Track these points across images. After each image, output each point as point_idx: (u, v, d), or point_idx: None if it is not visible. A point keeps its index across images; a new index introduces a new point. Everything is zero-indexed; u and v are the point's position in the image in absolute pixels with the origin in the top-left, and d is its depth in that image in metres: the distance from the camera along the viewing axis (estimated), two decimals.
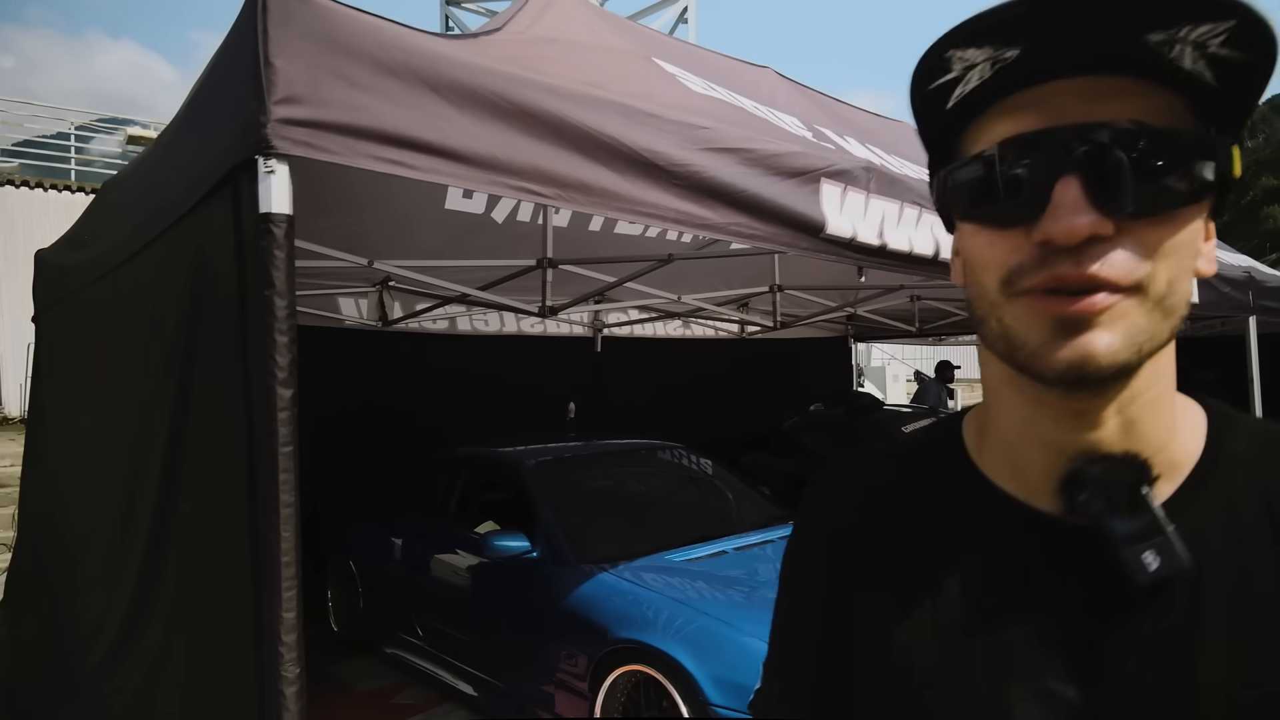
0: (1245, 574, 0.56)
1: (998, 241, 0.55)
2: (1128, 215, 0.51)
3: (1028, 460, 0.61)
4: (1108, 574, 0.56)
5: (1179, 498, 0.58)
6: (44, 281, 3.77)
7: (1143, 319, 0.52)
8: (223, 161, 1.63)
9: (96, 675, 2.46)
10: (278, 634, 1.50)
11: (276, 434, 1.50)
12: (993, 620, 0.60)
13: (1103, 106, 0.52)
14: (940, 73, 0.55)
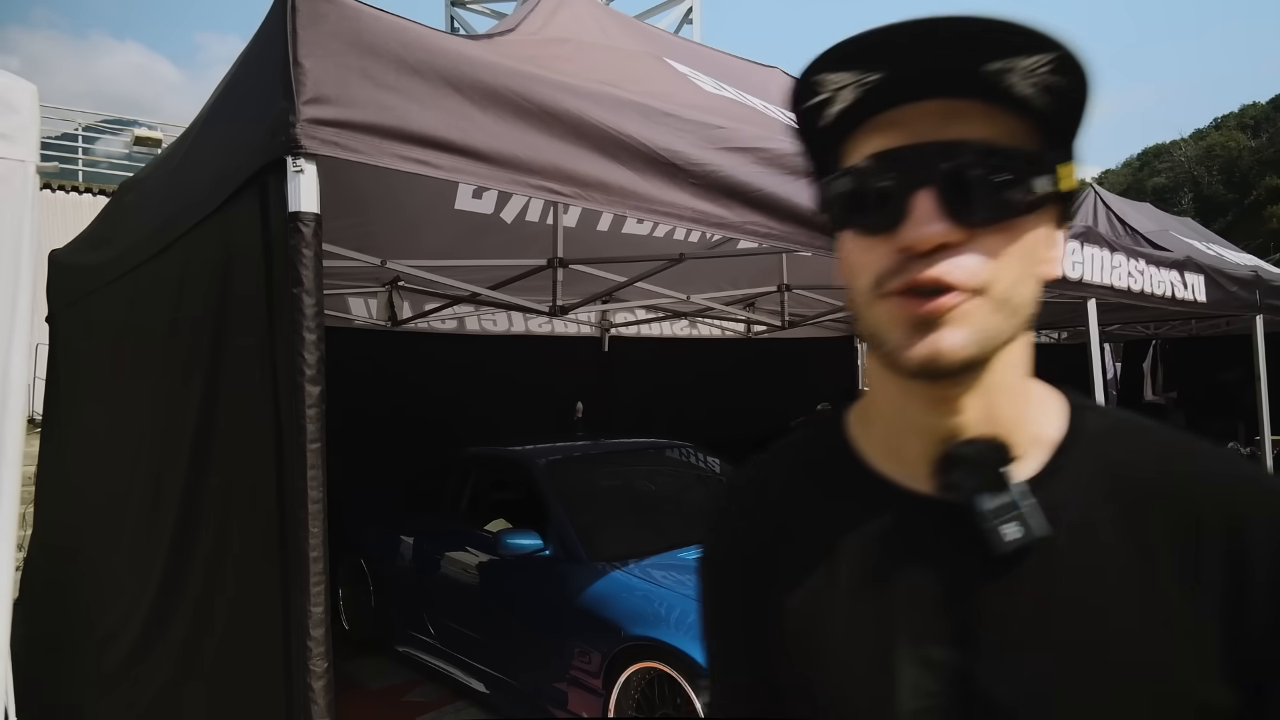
0: (1092, 540, 0.64)
1: (868, 247, 0.62)
2: (975, 225, 0.59)
3: (904, 445, 0.68)
4: (977, 545, 0.62)
5: (1040, 475, 0.66)
6: (59, 281, 3.79)
7: (987, 318, 0.60)
8: (251, 161, 1.65)
9: (121, 671, 2.48)
10: (306, 629, 1.52)
11: (305, 431, 1.52)
12: (877, 592, 0.66)
13: (955, 127, 0.60)
14: (812, 94, 0.62)
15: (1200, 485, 0.65)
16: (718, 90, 3.36)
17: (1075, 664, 0.61)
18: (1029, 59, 0.57)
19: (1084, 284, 4.01)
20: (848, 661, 0.66)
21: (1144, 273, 4.66)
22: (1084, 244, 4.03)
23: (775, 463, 0.80)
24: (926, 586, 0.65)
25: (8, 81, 1.35)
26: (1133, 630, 0.61)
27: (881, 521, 0.68)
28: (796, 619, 0.70)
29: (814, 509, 0.72)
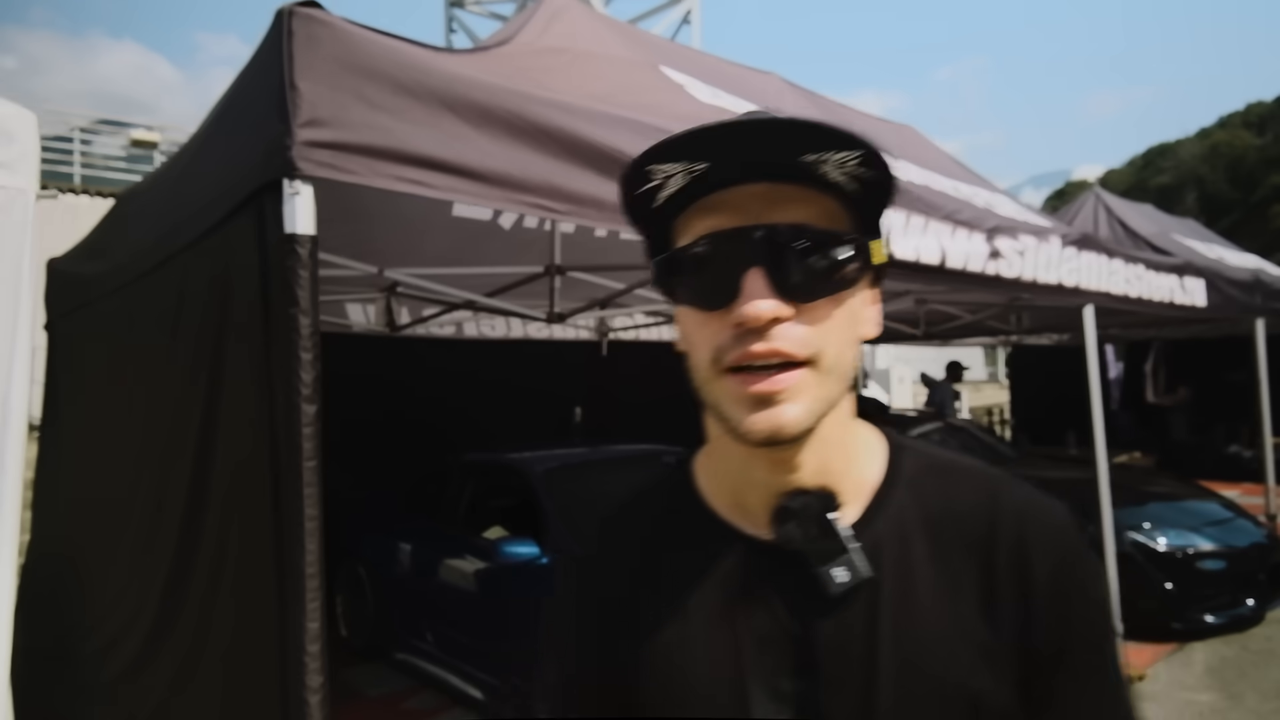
0: (909, 573, 0.71)
1: (704, 322, 0.68)
2: (802, 300, 0.66)
3: (748, 498, 0.75)
4: (812, 588, 0.70)
5: (864, 518, 0.74)
6: (57, 290, 3.80)
7: (818, 387, 0.67)
8: (247, 182, 1.66)
9: (121, 681, 2.49)
10: (302, 644, 1.53)
11: (301, 449, 1.53)
12: (731, 632, 0.72)
13: (779, 210, 0.67)
14: (644, 181, 0.68)
15: (999, 518, 0.73)
16: (712, 100, 3.37)
17: (899, 685, 0.68)
18: (839, 154, 0.64)
19: (1080, 290, 4.02)
20: (706, 696, 0.71)
21: (1142, 278, 4.67)
22: (1081, 250, 4.05)
23: (628, 513, 0.85)
24: (775, 625, 0.71)
25: (7, 110, 1.37)
26: (945, 651, 0.69)
27: (732, 567, 0.74)
28: (656, 659, 0.74)
29: (670, 557, 0.77)
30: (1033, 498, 0.76)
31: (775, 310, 0.64)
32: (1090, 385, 4.21)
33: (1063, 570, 0.72)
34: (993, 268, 3.36)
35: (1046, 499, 0.76)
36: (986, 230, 3.37)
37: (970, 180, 5.29)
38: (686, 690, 0.72)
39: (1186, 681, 4.06)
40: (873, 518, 0.74)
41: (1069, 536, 0.74)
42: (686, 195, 0.68)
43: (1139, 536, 4.73)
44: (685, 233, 0.71)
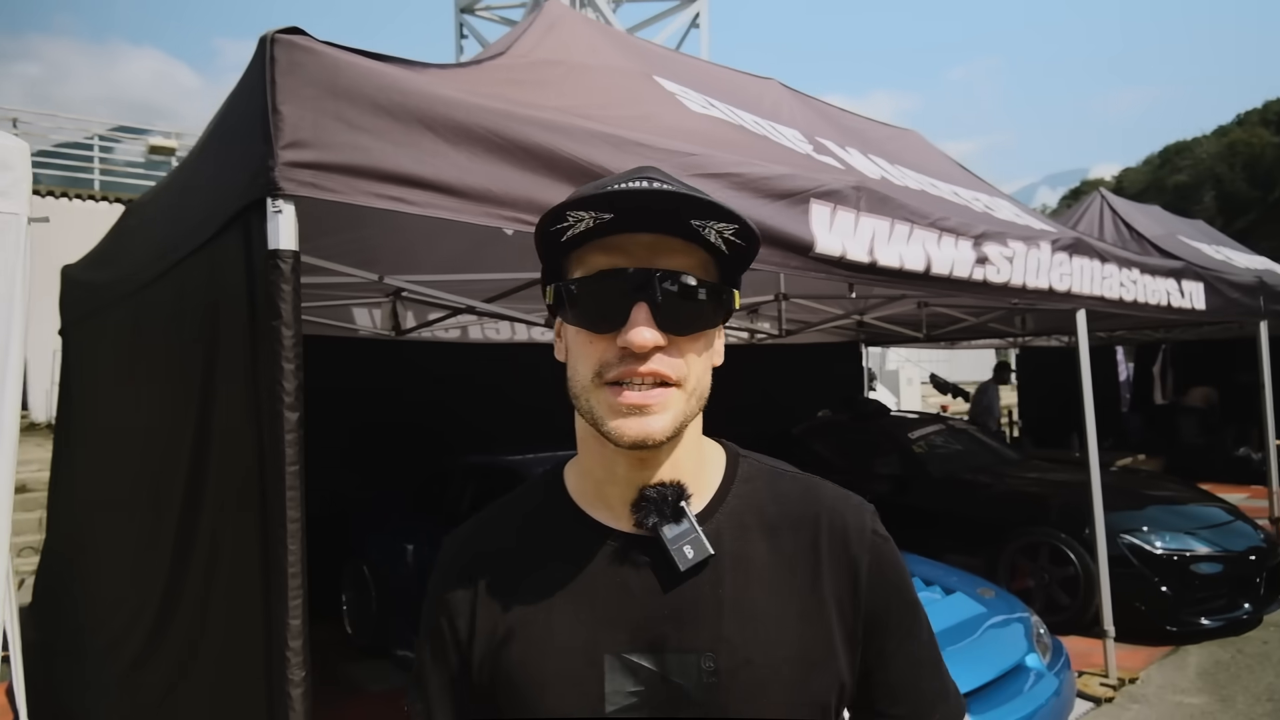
0: (746, 554, 0.86)
1: (592, 342, 0.81)
2: (677, 333, 0.80)
3: (611, 494, 0.88)
4: (666, 567, 0.83)
5: (707, 509, 0.88)
6: (70, 297, 3.93)
7: (682, 405, 0.81)
8: (235, 200, 1.75)
9: (126, 674, 2.59)
10: (285, 639, 1.61)
11: (284, 455, 1.61)
12: (592, 612, 0.83)
13: (664, 258, 0.80)
14: (559, 221, 0.80)
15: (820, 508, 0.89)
16: (705, 110, 3.43)
17: (736, 651, 0.81)
18: (719, 223, 0.79)
19: (1072, 295, 4.05)
20: (564, 669, 0.82)
21: (1137, 282, 4.69)
22: (1072, 255, 4.07)
23: (503, 514, 0.96)
24: (627, 603, 0.83)
25: (2, 141, 1.46)
26: (776, 622, 0.83)
27: (592, 553, 0.86)
28: (521, 636, 0.85)
29: (541, 551, 0.89)
30: (845, 493, 0.93)
31: (656, 339, 0.78)
32: (1083, 388, 4.24)
33: (874, 549, 0.88)
34: (980, 273, 3.40)
35: (854, 495, 0.93)
36: (974, 236, 3.41)
37: (971, 184, 5.32)
38: (546, 663, 0.82)
39: (1179, 684, 4.08)
40: (715, 509, 0.88)
41: (876, 524, 0.91)
42: (587, 235, 0.81)
43: (1135, 539, 4.75)
44: (580, 265, 0.83)
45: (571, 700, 0.81)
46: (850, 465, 6.26)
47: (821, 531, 0.87)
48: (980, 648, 3.07)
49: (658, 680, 0.81)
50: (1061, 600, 4.84)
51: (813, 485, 0.93)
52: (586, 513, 0.89)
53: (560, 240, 0.82)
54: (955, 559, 4.66)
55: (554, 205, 0.79)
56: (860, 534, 0.88)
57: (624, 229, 0.80)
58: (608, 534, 0.87)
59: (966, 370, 15.69)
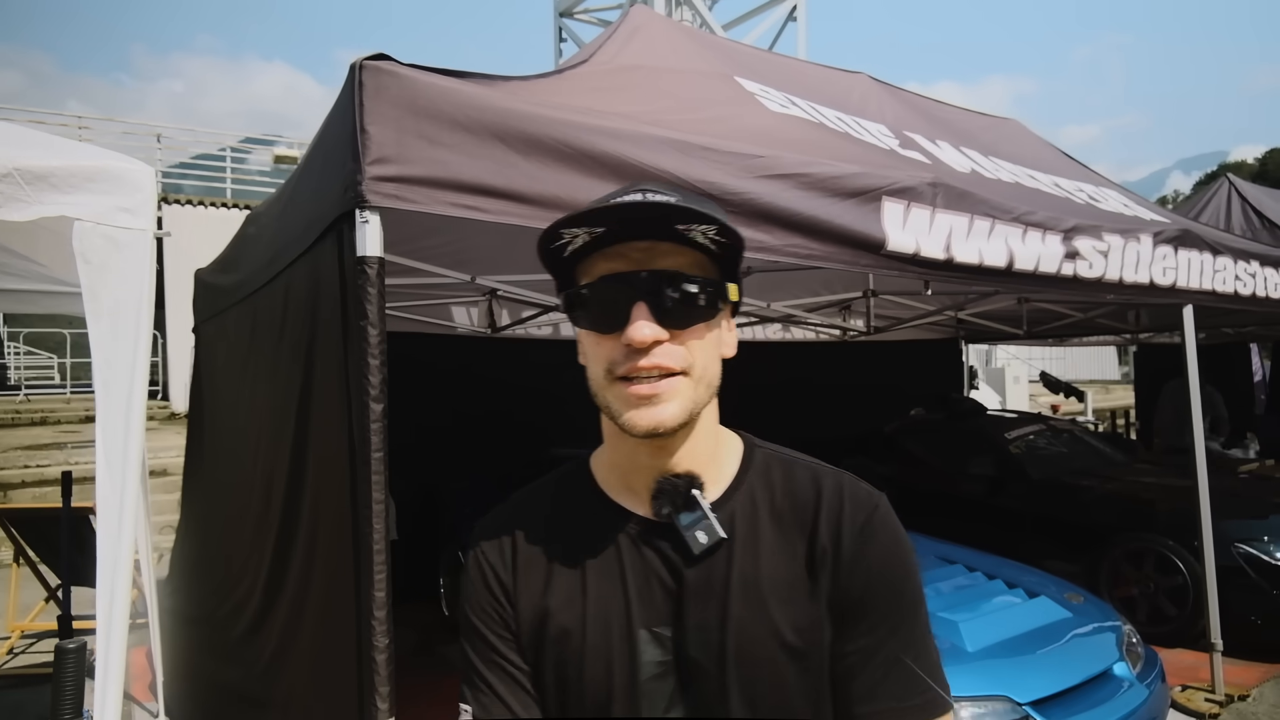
0: (756, 539, 0.92)
1: (601, 342, 0.89)
2: (676, 326, 0.87)
3: (636, 481, 0.95)
4: (682, 549, 0.90)
5: (722, 497, 0.95)
6: (201, 298, 4.33)
7: (690, 392, 0.88)
8: (330, 211, 1.93)
9: (242, 640, 2.87)
10: (371, 610, 1.78)
11: (370, 443, 1.78)
12: (621, 590, 0.91)
13: (660, 260, 0.88)
14: (556, 239, 0.88)
15: (822, 496, 0.94)
16: (783, 109, 3.45)
17: (744, 629, 0.88)
18: (704, 225, 0.85)
19: (1176, 289, 3.85)
20: (601, 641, 0.90)
21: (1256, 275, 4.40)
22: (1178, 248, 3.87)
23: (535, 500, 1.03)
24: (653, 582, 0.91)
25: (131, 166, 1.69)
26: (780, 597, 0.89)
27: (619, 536, 0.94)
28: (557, 613, 0.93)
29: (573, 534, 0.97)
30: (853, 482, 0.97)
31: (655, 334, 0.85)
32: (1190, 388, 4.03)
33: (865, 536, 0.92)
34: (1069, 268, 3.29)
35: (858, 482, 0.97)
36: (1064, 230, 3.30)
37: (1076, 175, 5.11)
38: (586, 636, 0.91)
39: None
40: (729, 497, 0.95)
41: (877, 511, 0.94)
42: (589, 248, 0.89)
43: (1252, 549, 4.46)
44: (586, 273, 0.91)
45: (612, 669, 0.89)
46: (943, 465, 6.10)
47: (821, 516, 0.93)
48: (1064, 653, 2.99)
49: (681, 653, 0.88)
50: (1168, 611, 4.60)
51: (822, 473, 0.98)
52: (613, 499, 0.97)
53: (562, 255, 0.90)
54: (1053, 564, 4.51)
55: (548, 226, 0.87)
56: (853, 520, 0.92)
57: (620, 239, 0.88)
58: (632, 519, 0.95)
59: (1082, 368, 14.90)
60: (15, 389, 15.16)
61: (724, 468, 0.97)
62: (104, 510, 1.77)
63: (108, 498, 1.76)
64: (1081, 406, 13.73)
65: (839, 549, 0.91)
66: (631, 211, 0.86)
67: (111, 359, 1.71)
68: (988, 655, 2.87)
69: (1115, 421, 13.95)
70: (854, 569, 0.91)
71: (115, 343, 1.71)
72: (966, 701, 2.62)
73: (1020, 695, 2.68)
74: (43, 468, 8.87)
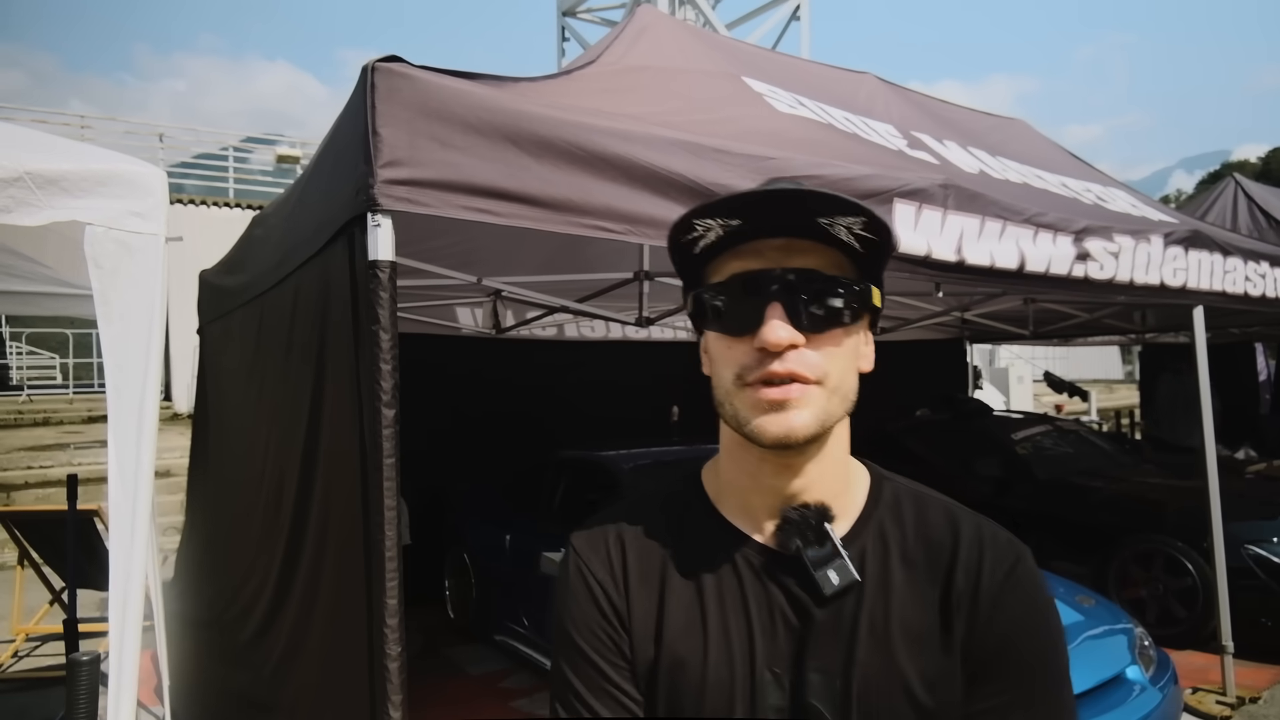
0: (887, 582, 0.84)
1: (732, 346, 0.82)
2: (813, 330, 0.79)
3: (755, 504, 0.87)
4: (808, 587, 0.82)
5: (852, 532, 0.86)
6: (206, 299, 4.32)
7: (824, 403, 0.80)
8: (341, 214, 1.92)
9: (250, 644, 2.86)
10: (383, 617, 1.76)
11: (381, 448, 1.76)
12: (743, 625, 0.83)
13: (796, 259, 0.81)
14: (689, 231, 0.82)
15: (960, 541, 0.85)
16: (792, 110, 3.44)
17: (869, 677, 0.80)
18: (849, 218, 0.78)
19: (1187, 290, 3.83)
20: (725, 681, 0.82)
21: (1266, 276, 4.38)
22: (1188, 249, 3.85)
23: (645, 511, 0.94)
24: (777, 619, 0.83)
25: (142, 169, 1.67)
26: (909, 651, 0.81)
27: (740, 566, 0.86)
28: (677, 647, 0.84)
29: (689, 554, 0.88)
30: (993, 529, 0.88)
31: (792, 337, 0.78)
32: (1201, 388, 4.01)
33: (1008, 591, 0.83)
34: (1080, 270, 3.27)
35: (999, 528, 0.89)
36: (1075, 232, 3.29)
37: (1084, 174, 5.09)
38: (707, 669, 0.83)
39: None
40: (859, 533, 0.87)
41: (1020, 563, 0.85)
42: (721, 245, 0.83)
43: (1262, 550, 4.44)
44: (717, 273, 0.85)
45: (733, 708, 0.81)
46: (948, 466, 6.09)
47: (959, 561, 0.84)
48: (1078, 657, 2.96)
49: (798, 698, 0.81)
50: (1178, 613, 4.59)
51: (960, 514, 0.89)
52: (731, 522, 0.89)
53: (694, 251, 0.84)
54: (1060, 566, 4.49)
55: (681, 215, 0.81)
56: (994, 569, 0.84)
57: (755, 235, 0.81)
58: (754, 547, 0.86)
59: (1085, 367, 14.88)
60: (18, 389, 15.18)
61: (852, 499, 0.89)
62: (116, 518, 1.76)
63: (120, 504, 1.75)
64: (1085, 406, 13.71)
65: (977, 599, 0.82)
66: (769, 200, 0.78)
67: (123, 364, 1.69)
68: None
69: (1120, 421, 13.94)
70: (992, 622, 0.82)
71: (127, 348, 1.69)
72: None
73: None
74: (46, 469, 8.87)
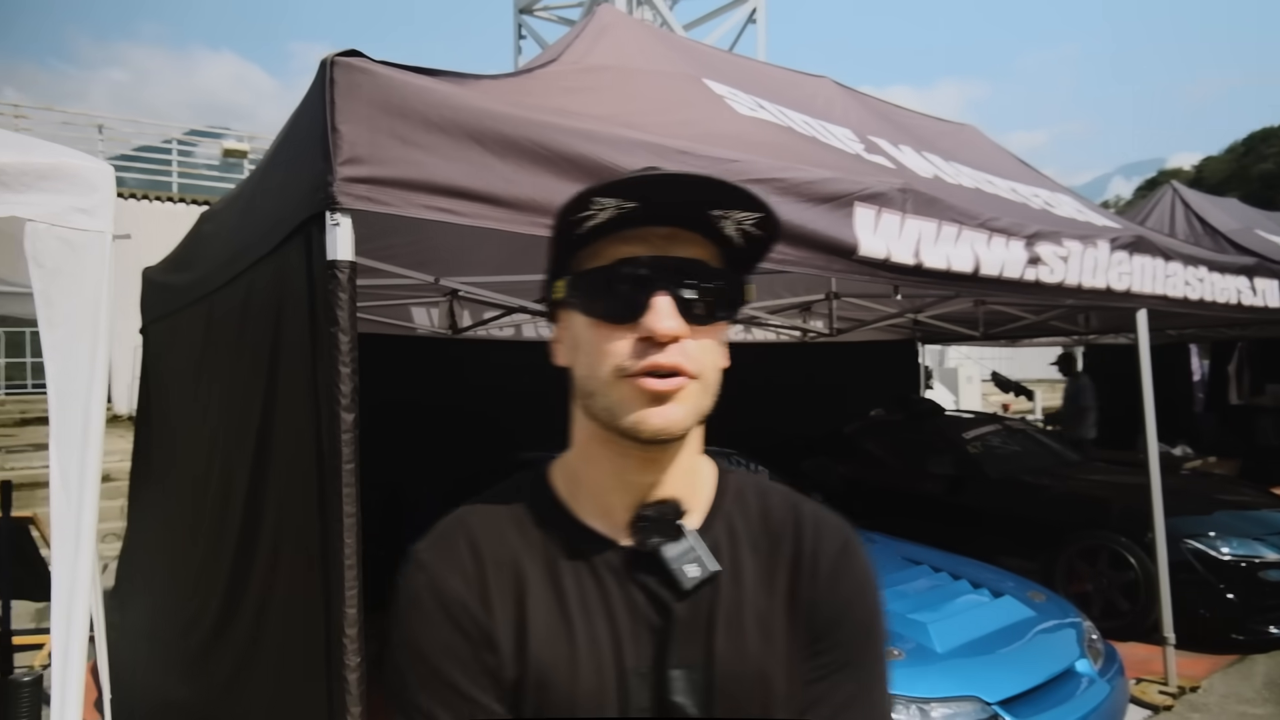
0: (739, 571, 0.86)
1: (611, 334, 0.79)
2: (695, 324, 0.78)
3: (613, 503, 0.86)
4: (665, 583, 0.82)
5: (704, 525, 0.87)
6: (150, 297, 4.17)
7: (699, 398, 0.80)
8: (298, 212, 1.86)
9: (199, 656, 2.76)
10: (342, 628, 1.71)
11: (340, 453, 1.71)
12: (610, 628, 0.82)
13: (680, 249, 0.80)
14: (581, 209, 0.77)
15: (800, 529, 0.89)
16: (752, 112, 3.45)
17: (728, 665, 0.81)
18: (742, 213, 0.78)
19: (1132, 294, 3.95)
20: (595, 687, 0.80)
21: (1204, 280, 4.54)
22: (1133, 254, 3.97)
23: (495, 514, 0.88)
24: (639, 620, 0.82)
25: (88, 163, 1.60)
26: (763, 635, 0.83)
27: (602, 569, 0.84)
28: (544, 659, 0.80)
29: (546, 558, 0.85)
30: (824, 513, 0.93)
31: (678, 329, 0.77)
32: (1144, 389, 4.14)
33: (841, 568, 0.88)
34: (1032, 274, 3.35)
35: (829, 511, 0.93)
36: (1026, 236, 3.36)
37: (1031, 180, 5.22)
38: (576, 677, 0.80)
39: (1243, 694, 3.95)
40: (710, 525, 0.88)
41: (850, 542, 0.90)
42: (608, 226, 0.79)
43: (1200, 544, 4.61)
44: (596, 257, 0.81)
45: (589, 709, 0.79)
46: (903, 465, 6.19)
47: (802, 545, 0.88)
48: (1029, 651, 3.04)
49: (661, 697, 0.80)
50: (1121, 606, 4.73)
51: (795, 500, 0.93)
52: (585, 523, 0.86)
53: (576, 232, 0.80)
54: (1011, 562, 4.59)
55: (575, 194, 0.76)
56: (830, 549, 0.88)
57: (643, 221, 0.78)
58: (612, 548, 0.84)
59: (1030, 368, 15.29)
60: None
61: (703, 492, 0.90)
62: (59, 529, 1.67)
63: (63, 515, 1.66)
64: (1031, 405, 14.09)
65: (816, 577, 0.86)
66: (677, 184, 0.76)
67: (68, 369, 1.61)
68: (957, 656, 2.90)
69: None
70: (830, 596, 0.86)
71: (71, 352, 1.61)
72: (937, 702, 2.64)
73: (989, 695, 2.72)
74: None
